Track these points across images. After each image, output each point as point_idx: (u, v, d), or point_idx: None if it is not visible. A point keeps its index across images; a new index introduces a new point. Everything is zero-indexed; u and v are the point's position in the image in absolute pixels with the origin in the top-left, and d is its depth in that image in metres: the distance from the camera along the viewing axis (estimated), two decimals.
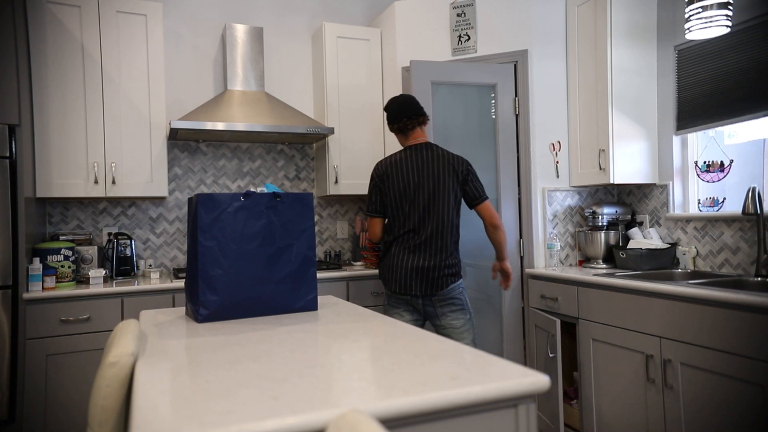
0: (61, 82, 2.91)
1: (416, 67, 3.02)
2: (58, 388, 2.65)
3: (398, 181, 2.51)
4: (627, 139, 2.99)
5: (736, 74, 2.65)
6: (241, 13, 3.67)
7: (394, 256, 2.51)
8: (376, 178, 2.58)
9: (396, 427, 0.97)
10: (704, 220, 2.79)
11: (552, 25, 3.18)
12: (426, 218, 2.47)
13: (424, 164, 2.51)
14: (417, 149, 2.55)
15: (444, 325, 2.48)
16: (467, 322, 2.50)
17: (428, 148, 2.55)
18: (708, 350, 2.08)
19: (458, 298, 2.49)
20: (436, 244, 2.46)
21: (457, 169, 2.51)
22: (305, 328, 1.60)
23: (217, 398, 0.99)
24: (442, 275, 2.45)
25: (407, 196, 2.49)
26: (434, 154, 2.53)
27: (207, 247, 1.73)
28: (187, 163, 3.52)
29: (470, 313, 2.53)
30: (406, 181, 2.50)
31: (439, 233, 2.47)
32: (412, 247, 2.47)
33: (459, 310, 2.49)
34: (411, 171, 2.51)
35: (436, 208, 2.47)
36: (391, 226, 2.55)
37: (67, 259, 2.85)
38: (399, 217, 2.51)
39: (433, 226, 2.46)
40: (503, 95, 3.15)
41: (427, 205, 2.47)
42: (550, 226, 3.17)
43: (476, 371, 1.11)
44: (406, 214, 2.49)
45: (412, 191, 2.49)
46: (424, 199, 2.47)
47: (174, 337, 1.52)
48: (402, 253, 2.48)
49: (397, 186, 2.51)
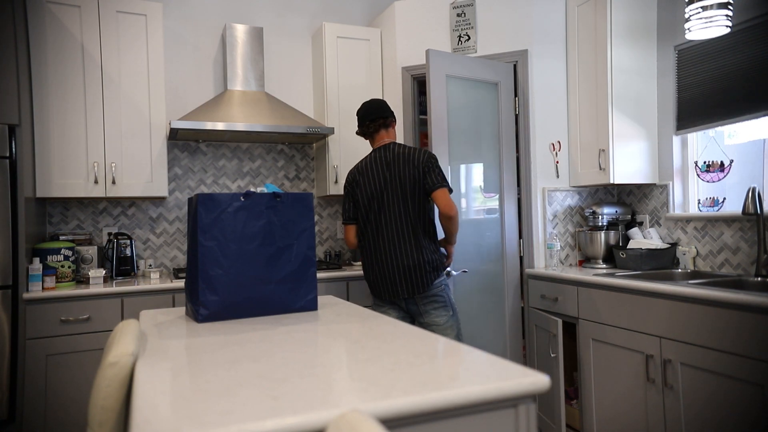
0: (61, 82, 2.91)
1: (433, 58, 2.90)
2: (58, 388, 2.65)
3: (366, 186, 2.54)
4: (627, 139, 2.99)
5: (736, 74, 2.65)
6: (241, 13, 3.67)
7: (372, 260, 2.53)
8: (348, 186, 2.62)
9: (396, 427, 0.97)
10: (704, 220, 2.79)
11: (552, 25, 3.18)
12: (397, 218, 2.46)
13: (388, 165, 2.51)
14: (381, 151, 2.56)
15: (428, 323, 2.49)
16: (450, 318, 2.50)
17: (391, 148, 2.54)
18: (708, 350, 2.08)
19: (440, 295, 2.48)
20: (410, 243, 2.45)
21: (417, 163, 2.46)
22: (305, 328, 1.60)
23: (217, 398, 0.99)
24: (423, 273, 2.44)
25: (376, 199, 2.51)
26: (396, 153, 2.51)
27: (207, 247, 1.73)
28: (187, 163, 3.52)
29: (453, 309, 2.52)
30: (373, 186, 2.52)
31: (412, 231, 2.45)
32: (389, 248, 2.47)
33: (441, 307, 2.48)
34: (377, 174, 2.52)
35: (405, 206, 2.46)
36: (365, 231, 2.56)
37: (67, 259, 2.85)
38: (371, 221, 2.53)
39: (404, 225, 2.46)
40: (504, 95, 3.15)
41: (395, 205, 2.47)
42: (550, 226, 3.17)
43: (476, 371, 1.11)
44: (377, 216, 2.50)
45: (380, 194, 2.50)
46: (391, 200, 2.47)
47: (174, 337, 1.52)
48: (380, 256, 2.50)
49: (366, 191, 2.53)
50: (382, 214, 2.49)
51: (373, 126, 2.60)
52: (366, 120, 2.61)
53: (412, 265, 2.43)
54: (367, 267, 2.57)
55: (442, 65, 2.98)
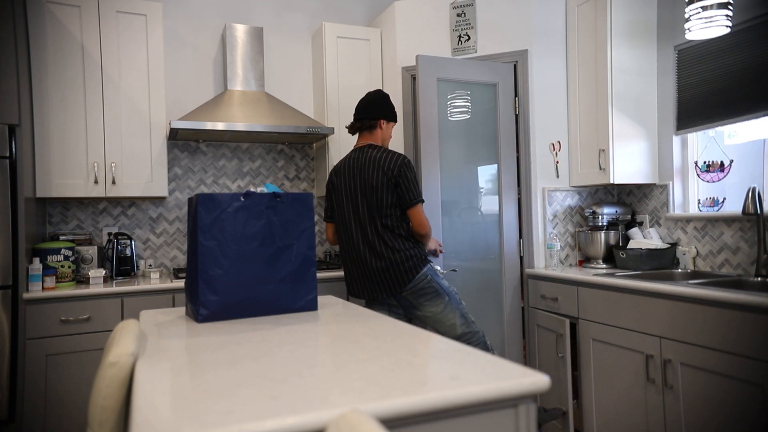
0: (61, 82, 2.91)
1: (423, 63, 2.98)
2: (58, 388, 2.65)
3: (340, 188, 2.57)
4: (627, 139, 2.99)
5: (736, 74, 2.65)
6: (241, 13, 3.67)
7: (347, 261, 2.57)
8: (328, 185, 2.67)
9: (396, 427, 0.97)
10: (704, 220, 2.79)
11: (552, 25, 3.18)
12: (367, 222, 2.47)
13: (359, 169, 2.51)
14: (357, 152, 2.57)
15: (426, 315, 2.48)
16: (447, 304, 2.47)
17: (366, 152, 2.53)
18: (708, 350, 2.08)
19: (428, 286, 2.46)
20: (380, 245, 2.44)
21: (387, 169, 2.45)
22: (305, 328, 1.60)
23: (217, 398, 0.99)
24: (399, 272, 2.43)
25: (348, 202, 2.53)
26: (368, 156, 2.50)
27: (207, 247, 1.73)
28: (187, 163, 3.52)
29: (449, 294, 2.49)
30: (345, 188, 2.55)
31: (381, 235, 2.45)
32: (360, 251, 2.49)
33: (434, 297, 2.46)
34: (349, 177, 2.54)
35: (372, 209, 2.46)
36: (339, 234, 2.60)
37: (67, 259, 2.85)
38: (344, 224, 2.56)
39: (373, 228, 2.46)
40: (503, 95, 3.15)
41: (364, 209, 2.48)
42: (550, 226, 3.17)
43: (476, 371, 1.11)
44: (348, 220, 2.53)
45: (351, 197, 2.52)
46: (361, 204, 2.49)
47: (174, 337, 1.52)
48: (353, 258, 2.53)
49: (340, 193, 2.57)
50: (353, 218, 2.52)
51: (357, 125, 2.62)
52: (354, 118, 2.64)
53: (384, 267, 2.43)
54: (344, 268, 2.62)
55: (433, 70, 3.03)
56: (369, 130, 2.60)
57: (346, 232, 2.55)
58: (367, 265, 2.47)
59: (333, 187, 2.62)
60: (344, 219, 2.55)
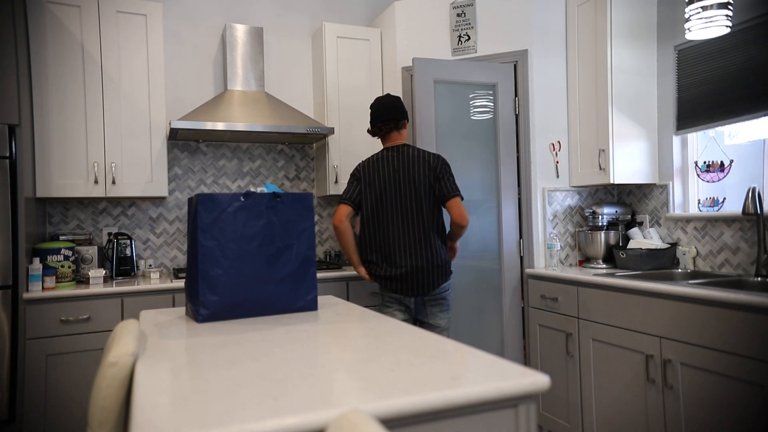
0: (61, 82, 2.91)
1: (419, 65, 3.01)
2: (58, 388, 2.65)
3: (375, 183, 2.56)
4: (627, 139, 2.99)
5: (736, 74, 2.65)
6: (241, 13, 3.67)
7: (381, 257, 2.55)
8: (356, 174, 2.64)
9: (396, 427, 0.97)
10: (704, 220, 2.79)
11: (552, 25, 3.18)
12: (410, 219, 2.51)
13: (400, 165, 2.55)
14: (394, 151, 2.60)
15: (432, 324, 2.57)
16: (448, 321, 2.62)
17: (404, 149, 2.59)
18: (708, 350, 2.08)
19: (446, 298, 2.59)
20: (423, 244, 2.50)
21: (433, 165, 2.53)
22: (305, 328, 1.60)
23: (217, 398, 0.99)
24: (435, 274, 2.51)
25: (387, 199, 2.54)
26: (410, 155, 2.57)
27: (207, 247, 1.73)
28: (187, 163, 3.52)
29: (450, 313, 2.65)
30: (383, 184, 2.55)
31: (424, 233, 2.51)
32: (401, 248, 2.51)
33: (445, 310, 2.59)
34: (388, 174, 2.55)
35: (419, 208, 2.51)
36: (371, 229, 2.58)
37: (67, 259, 2.85)
38: (380, 220, 2.55)
39: (417, 226, 2.51)
40: (503, 95, 3.15)
41: (408, 206, 2.51)
42: (550, 226, 3.17)
43: (476, 371, 1.11)
44: (386, 216, 2.53)
45: (390, 193, 2.53)
46: (404, 201, 2.52)
47: (174, 337, 1.52)
48: (391, 255, 2.52)
49: (375, 189, 2.56)
50: (393, 215, 2.52)
51: (386, 128, 2.65)
52: (378, 121, 2.65)
53: (424, 265, 2.49)
54: (377, 264, 2.57)
55: (429, 72, 3.07)
56: (398, 130, 2.66)
57: (380, 227, 2.54)
58: (405, 262, 2.49)
59: (367, 183, 2.58)
60: (380, 216, 2.54)
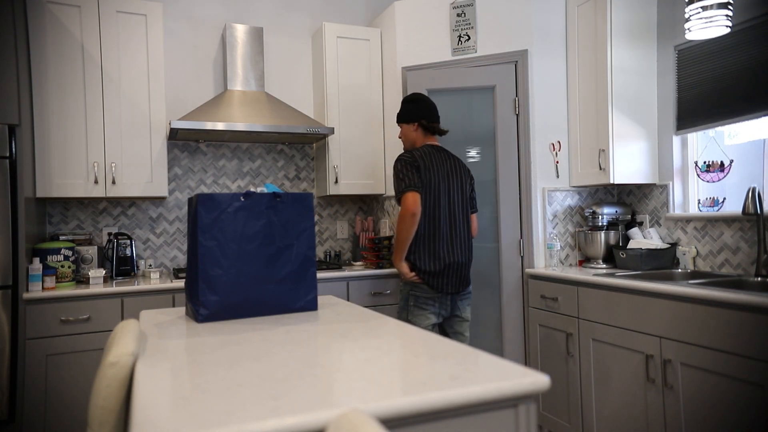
0: (61, 82, 2.91)
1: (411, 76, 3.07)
2: (58, 388, 2.65)
3: (433, 176, 2.57)
4: (627, 139, 2.98)
5: (736, 74, 2.65)
6: (241, 13, 3.67)
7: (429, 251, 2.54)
8: (412, 161, 2.53)
9: (396, 427, 0.97)
10: (704, 220, 2.79)
11: (552, 25, 3.18)
12: (458, 215, 2.61)
13: (452, 167, 2.64)
14: (438, 150, 2.65)
15: (464, 318, 2.65)
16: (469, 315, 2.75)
17: (446, 151, 2.69)
18: (708, 350, 2.08)
19: (471, 292, 2.72)
20: (466, 241, 2.63)
21: (470, 175, 2.73)
22: (305, 328, 1.60)
23: (217, 398, 0.99)
24: (469, 271, 2.66)
25: (442, 192, 2.58)
26: (454, 158, 2.69)
27: (207, 247, 1.73)
28: (187, 163, 3.52)
29: None
30: (438, 177, 2.58)
31: (467, 231, 2.64)
32: (451, 244, 2.58)
33: (470, 305, 2.71)
34: (441, 170, 2.60)
35: (464, 206, 2.64)
36: (430, 218, 2.54)
37: (67, 259, 2.85)
38: (430, 213, 2.55)
39: (463, 225, 2.62)
40: (503, 95, 3.15)
41: (457, 204, 2.61)
42: (550, 226, 3.17)
43: (476, 371, 1.11)
44: (438, 210, 2.56)
45: (444, 188, 2.59)
46: (454, 199, 2.60)
47: (174, 337, 1.52)
48: (440, 251, 2.55)
49: (433, 180, 2.56)
50: (443, 210, 2.57)
51: (432, 127, 2.69)
52: (433, 119, 2.69)
53: (465, 262, 2.61)
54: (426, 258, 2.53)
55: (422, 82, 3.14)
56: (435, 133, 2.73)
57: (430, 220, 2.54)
58: (453, 258, 2.56)
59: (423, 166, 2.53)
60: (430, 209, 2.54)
